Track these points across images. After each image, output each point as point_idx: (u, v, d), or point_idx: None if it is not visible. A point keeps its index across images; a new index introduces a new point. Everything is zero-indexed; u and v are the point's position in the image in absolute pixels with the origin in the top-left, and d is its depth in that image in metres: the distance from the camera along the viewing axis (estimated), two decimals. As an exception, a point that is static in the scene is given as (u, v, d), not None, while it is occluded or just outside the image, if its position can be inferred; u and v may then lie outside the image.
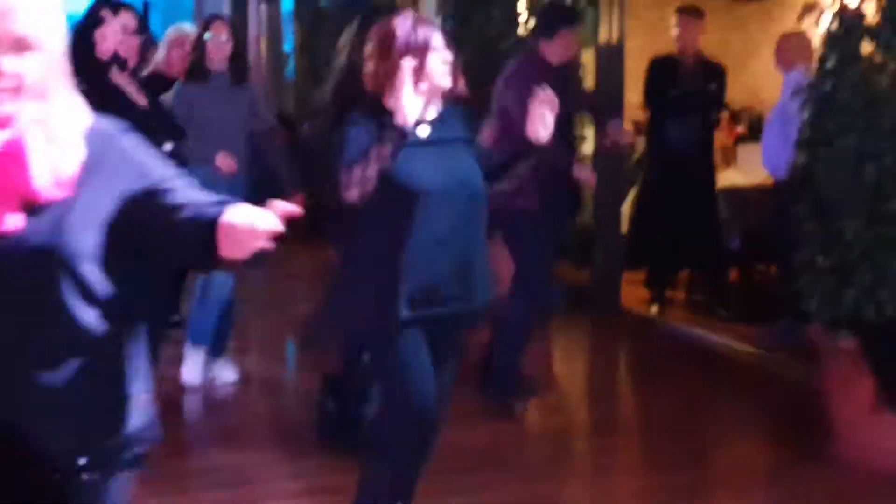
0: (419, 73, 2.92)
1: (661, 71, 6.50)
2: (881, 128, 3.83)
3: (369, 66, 3.00)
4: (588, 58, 6.55)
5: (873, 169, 3.83)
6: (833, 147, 3.95)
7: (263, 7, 10.77)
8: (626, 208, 7.07)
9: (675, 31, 6.49)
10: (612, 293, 6.60)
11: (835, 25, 3.93)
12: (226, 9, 10.94)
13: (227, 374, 5.18)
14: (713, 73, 6.55)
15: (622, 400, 5.66)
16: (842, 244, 3.95)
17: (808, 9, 6.30)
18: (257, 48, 10.63)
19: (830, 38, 3.96)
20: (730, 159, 7.80)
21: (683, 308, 6.72)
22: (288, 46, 10.90)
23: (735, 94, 8.92)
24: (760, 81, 7.90)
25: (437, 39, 2.96)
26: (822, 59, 3.97)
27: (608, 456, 4.62)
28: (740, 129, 8.41)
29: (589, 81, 6.58)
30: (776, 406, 4.98)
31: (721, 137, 8.07)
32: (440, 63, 2.97)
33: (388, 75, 2.92)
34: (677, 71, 6.46)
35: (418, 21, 3.03)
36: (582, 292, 6.65)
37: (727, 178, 7.06)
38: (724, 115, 8.63)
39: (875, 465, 4.02)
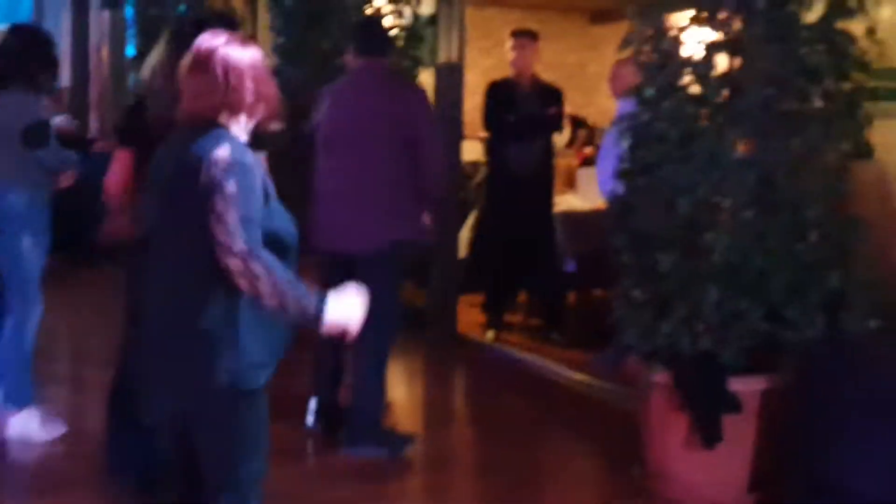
0: (259, 97, 2.68)
1: (498, 94, 6.45)
2: (696, 160, 3.80)
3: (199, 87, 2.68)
4: (427, 77, 6.44)
5: (687, 201, 3.80)
6: (649, 178, 3.91)
7: (106, 14, 10.34)
8: (466, 232, 6.99)
9: (510, 55, 6.45)
10: (448, 317, 6.49)
11: (653, 55, 3.88)
12: (66, 15, 10.47)
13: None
14: (551, 97, 6.53)
15: (455, 431, 5.50)
16: (657, 277, 3.90)
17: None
18: (97, 56, 10.21)
19: (647, 68, 3.91)
20: (573, 182, 7.82)
21: (520, 333, 6.66)
22: (131, 54, 10.50)
23: (592, 114, 9.04)
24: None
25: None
26: (640, 89, 3.91)
27: (439, 493, 4.47)
28: (589, 150, 8.46)
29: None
30: (605, 437, 4.93)
31: (567, 160, 8.10)
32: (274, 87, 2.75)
33: (229, 99, 2.64)
34: (514, 94, 6.42)
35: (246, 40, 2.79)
36: (418, 315, 6.51)
37: (566, 201, 7.05)
38: (582, 134, 8.72)
39: (689, 501, 3.98)
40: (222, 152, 2.57)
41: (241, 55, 2.66)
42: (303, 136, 4.64)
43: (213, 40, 2.68)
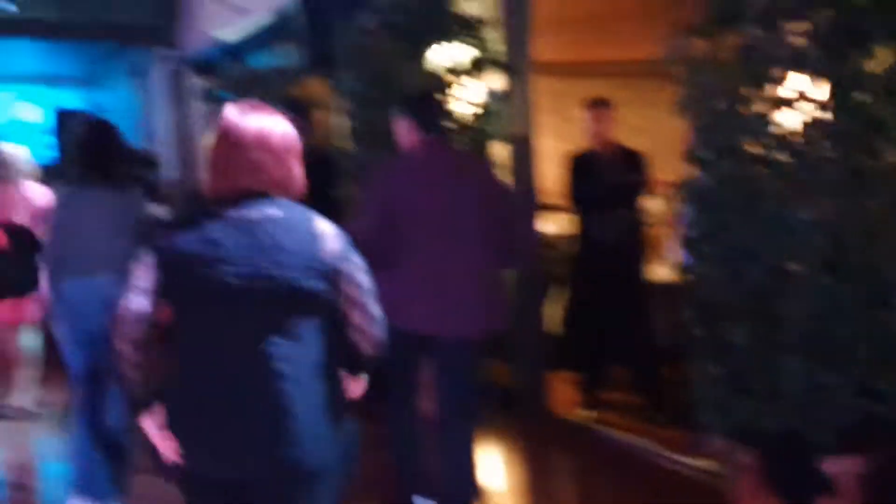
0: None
1: (579, 166, 6.27)
2: (761, 223, 3.53)
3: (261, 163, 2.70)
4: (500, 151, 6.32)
5: (755, 268, 3.52)
6: (714, 245, 3.65)
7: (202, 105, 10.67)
8: (557, 307, 6.77)
9: (586, 125, 6.27)
10: (538, 395, 6.25)
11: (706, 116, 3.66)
12: (167, 108, 10.84)
13: None
14: (633, 162, 6.31)
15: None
16: (731, 350, 3.62)
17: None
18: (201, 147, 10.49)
19: (702, 129, 3.68)
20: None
21: (619, 411, 6.35)
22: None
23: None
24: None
25: None
26: (694, 152, 3.68)
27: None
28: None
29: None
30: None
31: (660, 227, 7.80)
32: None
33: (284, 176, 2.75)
34: (595, 164, 6.22)
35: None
36: (505, 393, 6.31)
37: (659, 271, 6.75)
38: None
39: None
40: (333, 236, 2.69)
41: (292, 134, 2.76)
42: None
43: (262, 117, 2.70)
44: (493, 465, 5.94)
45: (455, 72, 6.17)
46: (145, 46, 11.06)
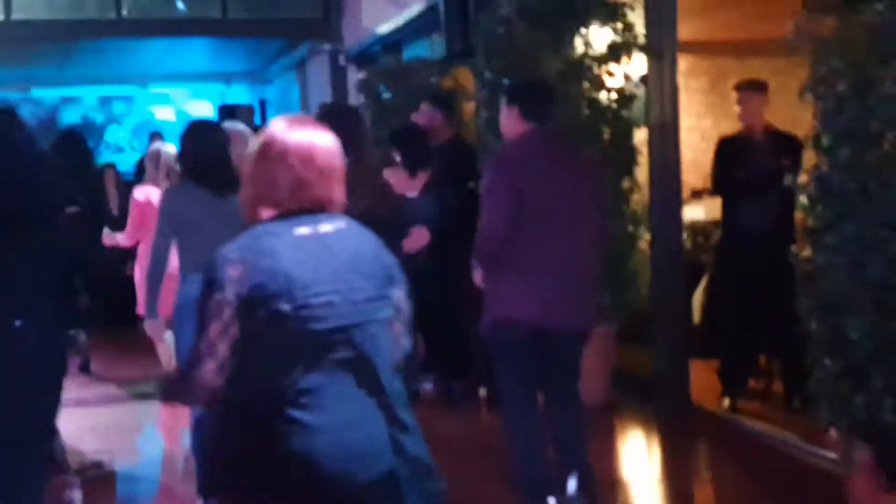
0: None
1: (729, 151, 6.10)
2: (882, 213, 3.39)
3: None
4: (641, 137, 6.24)
5: (877, 261, 3.38)
6: (833, 236, 3.52)
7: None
8: (699, 296, 6.66)
9: (737, 109, 6.10)
10: (679, 385, 6.14)
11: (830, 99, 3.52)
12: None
13: None
14: (786, 147, 6.09)
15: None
16: (849, 344, 3.49)
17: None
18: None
19: (825, 114, 3.55)
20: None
21: (761, 400, 6.19)
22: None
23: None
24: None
25: None
26: (816, 139, 3.55)
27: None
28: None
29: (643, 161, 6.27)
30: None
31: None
32: None
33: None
34: (745, 149, 6.05)
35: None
36: (647, 382, 6.25)
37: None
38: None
39: None
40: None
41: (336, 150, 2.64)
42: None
43: (308, 131, 2.59)
44: (628, 454, 5.91)
45: (596, 57, 6.13)
46: (308, 41, 11.39)
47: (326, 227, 2.51)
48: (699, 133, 8.68)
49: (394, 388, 2.56)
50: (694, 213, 7.55)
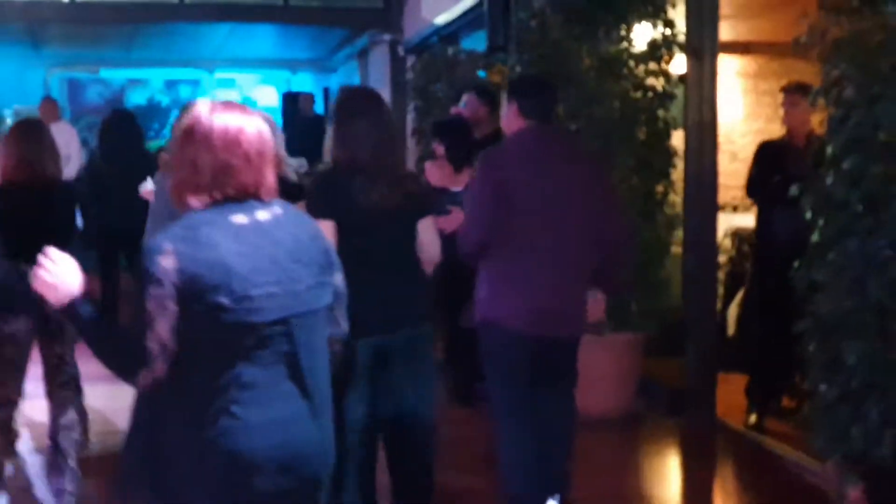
0: None
1: (767, 156, 5.81)
2: (885, 230, 3.12)
3: None
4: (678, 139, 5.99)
5: (876, 282, 3.12)
6: (835, 252, 3.27)
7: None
8: (735, 307, 6.38)
9: (782, 113, 5.81)
10: (707, 400, 5.87)
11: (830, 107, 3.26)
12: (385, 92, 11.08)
13: None
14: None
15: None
16: (846, 369, 3.24)
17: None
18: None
19: (830, 122, 3.29)
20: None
21: (791, 421, 5.88)
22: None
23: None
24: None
25: None
26: (821, 148, 3.30)
27: None
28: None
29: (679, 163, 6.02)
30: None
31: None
32: None
33: None
34: (785, 155, 5.75)
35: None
36: (674, 395, 6.00)
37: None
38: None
39: None
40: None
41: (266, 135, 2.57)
42: None
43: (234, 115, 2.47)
44: (645, 467, 5.68)
45: (634, 55, 5.90)
46: (370, 31, 11.34)
47: (263, 214, 2.42)
48: (767, 137, 8.35)
49: (323, 382, 2.48)
50: (743, 220, 7.26)
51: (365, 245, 3.42)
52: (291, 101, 12.81)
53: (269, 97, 14.73)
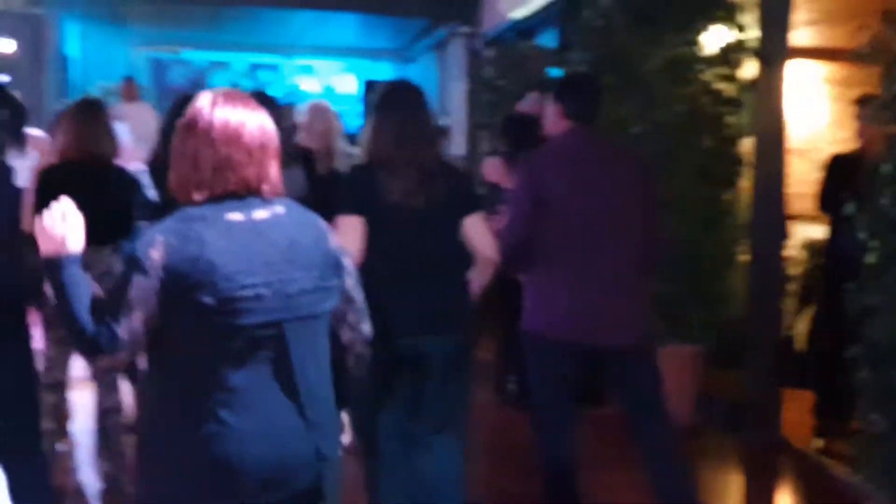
0: None
1: (839, 169, 5.59)
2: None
3: None
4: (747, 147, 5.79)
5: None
6: (887, 275, 3.10)
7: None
8: (805, 323, 6.16)
9: (856, 125, 5.57)
10: (770, 419, 5.66)
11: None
12: (460, 85, 11.02)
13: None
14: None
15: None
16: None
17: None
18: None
19: (890, 139, 3.12)
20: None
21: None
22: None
23: None
24: None
25: None
26: (877, 166, 3.13)
27: None
28: None
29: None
30: None
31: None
32: None
33: None
34: (857, 169, 5.51)
35: None
36: (735, 410, 5.81)
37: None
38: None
39: None
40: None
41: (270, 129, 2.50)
42: None
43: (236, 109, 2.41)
44: (703, 485, 5.49)
45: (704, 58, 5.72)
46: (449, 23, 11.29)
47: (261, 213, 2.35)
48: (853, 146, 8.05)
49: (321, 391, 2.40)
50: (821, 231, 7.00)
51: (392, 242, 3.32)
52: (370, 90, 12.88)
53: (349, 85, 14.77)
